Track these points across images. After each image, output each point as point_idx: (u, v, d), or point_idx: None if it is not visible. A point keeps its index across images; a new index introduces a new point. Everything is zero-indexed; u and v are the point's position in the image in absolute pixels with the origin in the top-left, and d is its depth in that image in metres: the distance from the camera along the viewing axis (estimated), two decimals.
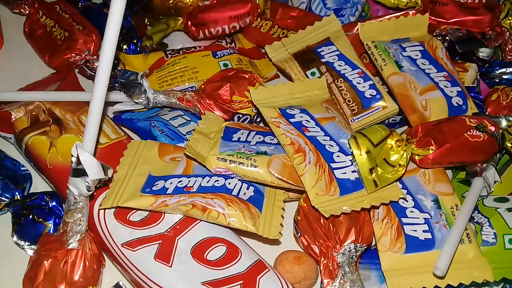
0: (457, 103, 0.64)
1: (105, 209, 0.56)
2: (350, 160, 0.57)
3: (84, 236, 0.53)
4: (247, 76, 0.66)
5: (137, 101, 0.64)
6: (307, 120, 0.60)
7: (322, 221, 0.55)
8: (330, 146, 0.58)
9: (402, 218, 0.56)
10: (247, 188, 0.57)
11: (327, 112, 0.62)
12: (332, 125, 0.60)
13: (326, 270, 0.54)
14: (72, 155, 0.46)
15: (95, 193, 0.56)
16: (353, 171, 0.56)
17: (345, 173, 0.56)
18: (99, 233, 0.55)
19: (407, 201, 0.58)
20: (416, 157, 0.58)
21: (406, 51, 0.68)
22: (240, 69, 0.69)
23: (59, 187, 0.59)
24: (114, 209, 0.56)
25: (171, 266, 0.52)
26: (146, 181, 0.58)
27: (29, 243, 0.57)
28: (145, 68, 0.73)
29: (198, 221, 0.55)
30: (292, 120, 0.60)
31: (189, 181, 0.57)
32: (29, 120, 0.63)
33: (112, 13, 0.39)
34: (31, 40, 0.78)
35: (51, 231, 0.58)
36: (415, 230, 0.56)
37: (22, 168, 0.64)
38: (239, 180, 0.58)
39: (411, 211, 0.57)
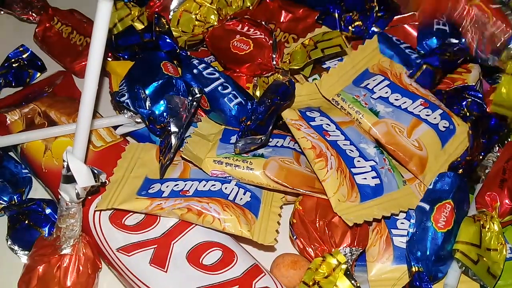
0: (443, 126, 0.61)
1: (100, 210, 0.55)
2: (370, 166, 0.57)
3: (78, 241, 0.52)
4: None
5: (138, 120, 0.63)
6: (327, 124, 0.60)
7: (317, 224, 0.55)
8: (351, 151, 0.58)
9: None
10: (244, 194, 0.57)
11: (346, 116, 0.62)
12: (352, 130, 0.60)
13: None
14: (63, 160, 0.46)
15: (90, 197, 0.56)
16: (373, 177, 0.56)
17: (365, 178, 0.56)
18: (94, 238, 0.55)
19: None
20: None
21: (375, 92, 0.63)
22: None
23: (55, 191, 0.59)
24: (110, 213, 0.56)
25: (166, 271, 0.52)
26: (142, 183, 0.57)
27: (22, 249, 0.57)
28: None
29: (194, 225, 0.55)
30: (312, 124, 0.59)
31: (186, 184, 0.57)
32: (24, 123, 0.63)
33: (99, 16, 0.39)
34: (45, 46, 0.81)
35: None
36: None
37: (23, 171, 0.63)
38: (236, 185, 0.57)
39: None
